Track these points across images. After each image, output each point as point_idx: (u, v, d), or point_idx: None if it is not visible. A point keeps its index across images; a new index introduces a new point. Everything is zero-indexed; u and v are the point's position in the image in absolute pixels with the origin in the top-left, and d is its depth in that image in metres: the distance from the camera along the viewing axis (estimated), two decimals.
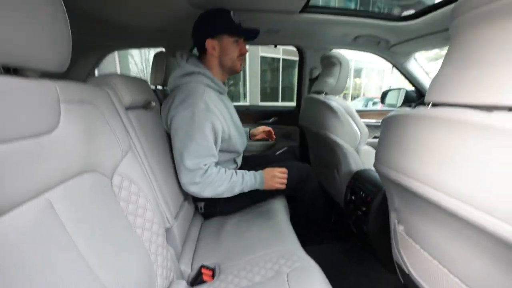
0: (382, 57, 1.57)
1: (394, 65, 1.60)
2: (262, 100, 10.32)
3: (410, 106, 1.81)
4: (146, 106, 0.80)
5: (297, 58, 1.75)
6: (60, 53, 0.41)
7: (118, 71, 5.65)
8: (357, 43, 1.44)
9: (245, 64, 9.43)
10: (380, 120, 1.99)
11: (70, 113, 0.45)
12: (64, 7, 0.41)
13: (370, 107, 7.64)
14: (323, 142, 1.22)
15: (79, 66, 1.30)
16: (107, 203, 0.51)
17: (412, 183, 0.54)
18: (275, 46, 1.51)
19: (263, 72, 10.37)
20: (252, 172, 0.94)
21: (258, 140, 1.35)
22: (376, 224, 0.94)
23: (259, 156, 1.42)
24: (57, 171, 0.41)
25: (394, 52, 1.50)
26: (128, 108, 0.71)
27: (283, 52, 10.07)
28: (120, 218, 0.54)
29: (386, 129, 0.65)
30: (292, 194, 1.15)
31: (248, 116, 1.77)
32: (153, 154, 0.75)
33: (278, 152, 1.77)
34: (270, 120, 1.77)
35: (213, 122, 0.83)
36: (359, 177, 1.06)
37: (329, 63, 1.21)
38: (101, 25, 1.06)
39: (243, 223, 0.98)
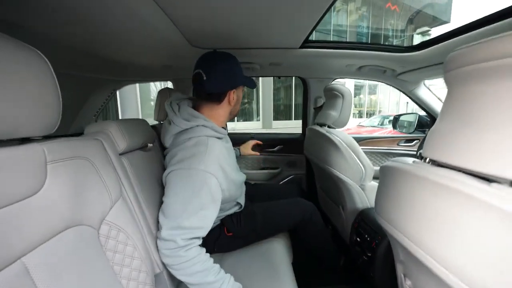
0: (390, 84, 1.53)
1: (403, 92, 1.55)
2: (275, 118, 10.38)
3: (424, 131, 1.73)
4: (143, 148, 0.82)
5: None
6: (49, 118, 0.43)
7: (138, 92, 6.01)
8: (361, 72, 1.42)
9: (258, 83, 9.67)
10: (392, 147, 1.88)
11: (57, 172, 0.46)
12: (54, 74, 0.43)
13: (387, 124, 7.41)
14: (327, 176, 1.18)
15: (92, 101, 1.38)
16: (90, 256, 0.51)
17: (407, 242, 0.50)
18: (279, 78, 1.53)
19: (276, 90, 10.52)
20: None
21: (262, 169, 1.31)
22: (383, 272, 0.86)
23: (262, 185, 1.38)
24: (37, 233, 0.41)
25: (402, 80, 1.45)
26: (123, 153, 0.72)
27: None
28: (103, 271, 0.54)
29: (383, 179, 0.61)
30: (294, 233, 1.10)
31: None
32: (146, 197, 0.76)
33: (282, 182, 1.74)
34: (275, 149, 1.75)
35: (210, 184, 0.74)
36: (364, 217, 0.99)
37: (332, 95, 1.19)
38: (109, 64, 1.13)
39: (240, 264, 0.94)
